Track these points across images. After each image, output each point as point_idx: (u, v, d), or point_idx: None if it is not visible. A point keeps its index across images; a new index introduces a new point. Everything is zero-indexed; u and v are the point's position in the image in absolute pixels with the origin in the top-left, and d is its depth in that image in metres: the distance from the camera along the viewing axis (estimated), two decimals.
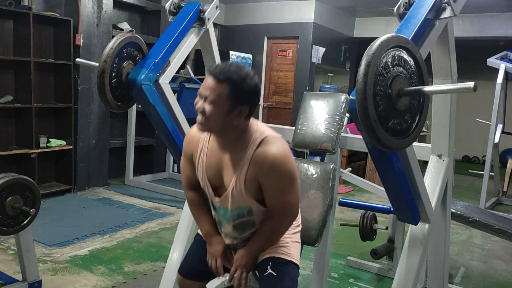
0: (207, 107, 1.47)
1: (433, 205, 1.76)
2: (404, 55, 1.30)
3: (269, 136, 1.56)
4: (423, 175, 1.72)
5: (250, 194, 1.59)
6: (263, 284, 1.68)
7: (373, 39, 1.25)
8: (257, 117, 7.17)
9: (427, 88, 1.28)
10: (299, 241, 1.80)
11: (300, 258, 1.95)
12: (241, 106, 1.48)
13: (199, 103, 1.50)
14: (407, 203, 1.59)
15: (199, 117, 1.51)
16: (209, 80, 1.48)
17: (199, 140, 1.67)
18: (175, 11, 2.20)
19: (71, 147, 4.83)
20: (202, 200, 1.76)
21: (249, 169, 1.54)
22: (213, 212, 1.76)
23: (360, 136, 1.56)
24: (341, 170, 3.72)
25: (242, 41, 7.18)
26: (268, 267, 1.66)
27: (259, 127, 1.60)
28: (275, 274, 1.65)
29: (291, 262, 1.70)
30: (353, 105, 1.24)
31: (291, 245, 1.73)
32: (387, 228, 3.30)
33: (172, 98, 2.07)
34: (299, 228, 1.83)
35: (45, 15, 4.54)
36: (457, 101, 1.90)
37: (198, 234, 1.89)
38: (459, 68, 1.82)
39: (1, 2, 4.12)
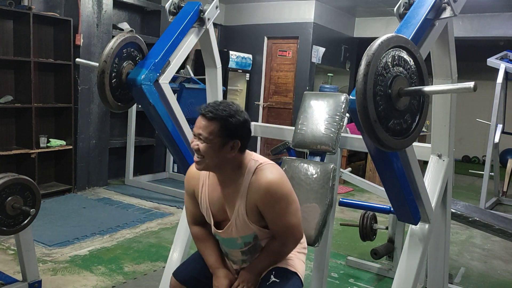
0: (201, 145, 1.55)
1: (433, 205, 1.76)
2: (404, 55, 1.30)
3: (263, 164, 1.63)
4: (423, 175, 1.72)
5: (252, 221, 1.63)
6: None
7: (373, 39, 1.25)
8: (257, 117, 7.17)
9: (427, 88, 1.28)
10: (304, 260, 1.81)
11: None
12: (232, 140, 1.55)
13: (194, 142, 1.58)
14: (407, 203, 1.59)
15: (195, 157, 1.59)
16: (200, 120, 1.56)
17: (199, 177, 1.72)
18: (175, 11, 2.19)
19: (71, 147, 4.83)
20: (207, 233, 1.79)
21: (247, 197, 1.60)
22: (220, 243, 1.79)
23: (360, 136, 1.56)
24: (341, 170, 3.72)
25: (242, 41, 7.18)
26: (272, 275, 1.68)
27: (253, 156, 1.66)
28: (278, 281, 1.66)
29: (295, 273, 1.72)
30: (353, 105, 1.24)
31: (295, 260, 1.75)
32: (387, 228, 3.30)
33: (172, 98, 2.07)
34: (305, 251, 1.84)
35: (45, 15, 4.54)
36: (457, 101, 1.90)
37: None
38: (459, 68, 1.81)
39: (1, 2, 4.13)
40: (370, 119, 1.20)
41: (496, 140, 5.47)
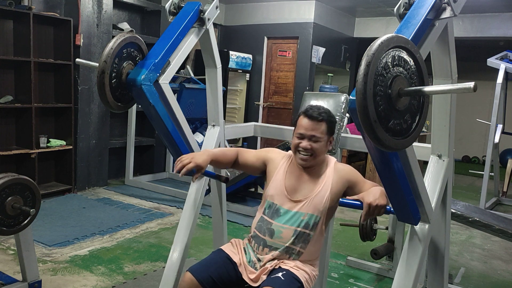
0: (314, 145, 1.82)
1: (433, 205, 1.76)
2: (404, 55, 1.30)
3: (337, 160, 1.98)
4: (423, 175, 1.72)
5: (330, 198, 1.83)
6: (266, 282, 1.74)
7: (373, 39, 1.25)
8: (257, 117, 7.17)
9: (427, 88, 1.28)
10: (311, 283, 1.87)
11: None
12: (331, 136, 1.88)
13: (303, 143, 1.82)
14: (407, 203, 1.59)
15: (303, 155, 1.83)
16: (309, 122, 1.82)
17: (282, 159, 1.97)
18: (175, 11, 2.19)
19: (71, 147, 4.83)
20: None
21: (334, 177, 1.86)
22: (269, 222, 1.87)
23: (360, 136, 1.56)
24: None
25: (242, 41, 7.18)
26: (280, 274, 1.75)
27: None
28: (283, 279, 1.73)
29: (301, 282, 1.77)
30: (353, 105, 1.24)
31: (308, 278, 1.82)
32: (387, 228, 3.31)
33: (172, 98, 2.07)
34: (314, 279, 1.90)
35: (45, 15, 4.54)
36: (457, 101, 1.90)
37: (220, 249, 1.93)
38: (459, 68, 1.81)
39: (1, 2, 4.13)
40: (370, 119, 1.20)
41: (496, 140, 5.48)
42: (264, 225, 1.89)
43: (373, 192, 1.65)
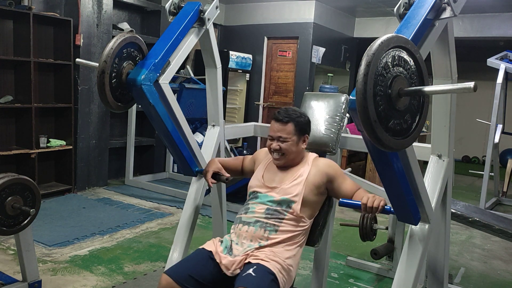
0: (283, 145, 1.93)
1: (433, 205, 1.76)
2: (404, 55, 1.30)
3: (318, 156, 2.07)
4: (423, 175, 1.72)
5: (306, 185, 1.90)
6: (239, 282, 1.69)
7: (373, 39, 1.25)
8: (257, 117, 7.17)
9: (427, 88, 1.28)
10: (292, 269, 1.85)
11: (300, 258, 1.95)
12: (304, 135, 1.98)
13: (273, 144, 1.95)
14: (407, 203, 1.59)
15: (275, 155, 1.96)
16: (276, 125, 1.95)
17: (265, 157, 2.10)
18: (175, 11, 2.19)
19: (71, 147, 4.83)
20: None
21: (312, 169, 1.96)
22: (251, 202, 1.96)
23: (360, 136, 1.56)
24: None
25: (242, 41, 7.18)
26: (251, 270, 1.71)
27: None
28: (254, 275, 1.69)
29: (273, 273, 1.73)
30: (353, 105, 1.24)
31: (281, 268, 1.78)
32: (387, 228, 3.30)
33: (172, 98, 2.07)
34: (289, 270, 1.84)
35: (45, 15, 4.54)
36: (457, 101, 1.90)
37: (200, 248, 1.91)
38: (459, 68, 1.82)
39: (1, 2, 4.13)
40: (370, 119, 1.20)
41: (496, 140, 5.48)
42: (243, 208, 1.98)
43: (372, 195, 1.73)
